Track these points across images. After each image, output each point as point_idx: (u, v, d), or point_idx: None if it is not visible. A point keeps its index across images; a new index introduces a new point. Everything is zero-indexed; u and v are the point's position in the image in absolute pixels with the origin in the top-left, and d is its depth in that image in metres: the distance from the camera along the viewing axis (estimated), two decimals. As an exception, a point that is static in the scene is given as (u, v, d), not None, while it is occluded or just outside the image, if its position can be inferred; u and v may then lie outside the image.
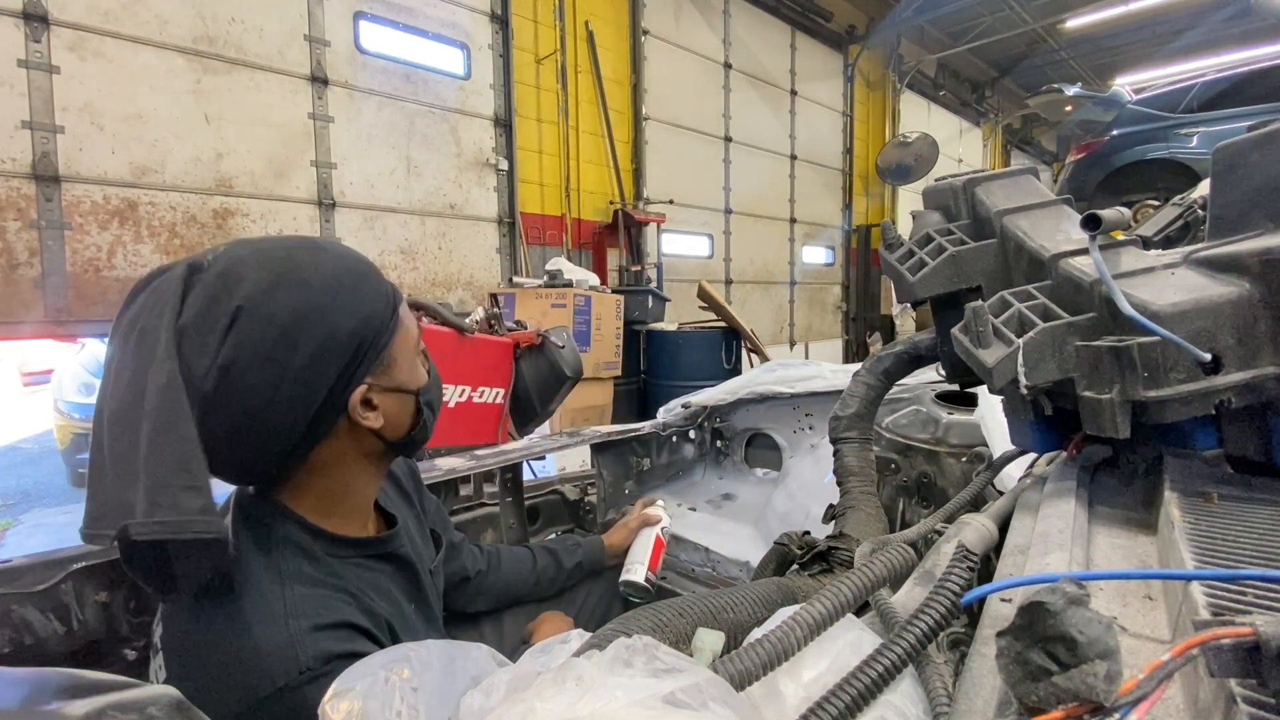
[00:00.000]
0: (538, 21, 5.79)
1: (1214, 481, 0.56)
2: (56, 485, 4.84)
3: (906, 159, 9.39)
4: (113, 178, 3.77)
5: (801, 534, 0.90)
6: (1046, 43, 11.24)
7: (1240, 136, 0.64)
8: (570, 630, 0.99)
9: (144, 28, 3.83)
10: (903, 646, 0.42)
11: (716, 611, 0.60)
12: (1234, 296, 0.53)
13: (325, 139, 4.57)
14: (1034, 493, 0.68)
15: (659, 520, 1.30)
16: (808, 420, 1.88)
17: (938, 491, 1.32)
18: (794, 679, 0.42)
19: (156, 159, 3.91)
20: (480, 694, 0.47)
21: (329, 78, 4.56)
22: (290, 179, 4.44)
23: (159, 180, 3.93)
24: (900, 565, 0.54)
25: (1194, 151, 4.44)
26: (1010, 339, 0.57)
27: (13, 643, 0.86)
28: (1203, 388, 0.52)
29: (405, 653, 0.58)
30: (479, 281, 5.47)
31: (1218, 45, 9.96)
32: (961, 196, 0.81)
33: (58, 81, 3.57)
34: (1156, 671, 0.27)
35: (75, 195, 3.67)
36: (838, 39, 9.43)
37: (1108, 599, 0.45)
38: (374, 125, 4.83)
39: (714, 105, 7.66)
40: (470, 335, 2.55)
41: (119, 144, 3.78)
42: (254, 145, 4.26)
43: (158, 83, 3.88)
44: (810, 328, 9.55)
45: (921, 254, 0.77)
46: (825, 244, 9.85)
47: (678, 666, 0.36)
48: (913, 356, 1.09)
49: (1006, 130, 14.43)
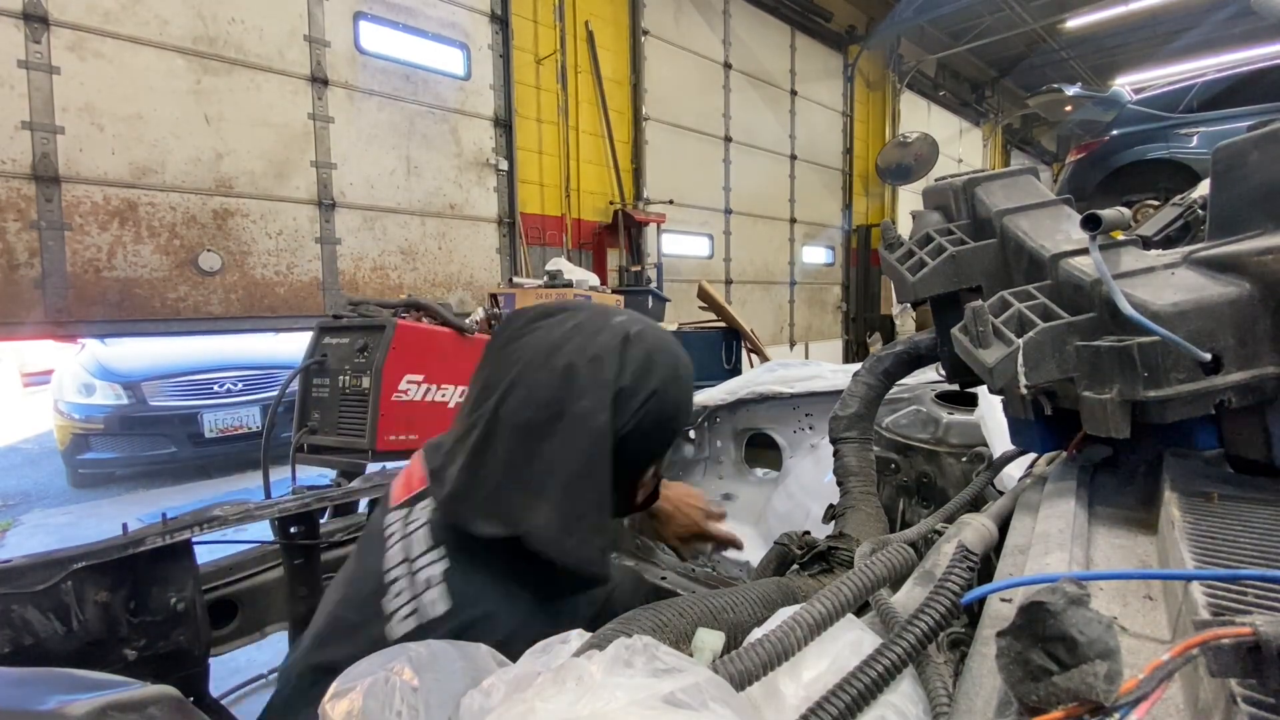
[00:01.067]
0: (538, 22, 5.79)
1: (1214, 481, 0.56)
2: (56, 486, 4.84)
3: (906, 159, 9.40)
4: (113, 178, 3.78)
5: (801, 534, 0.90)
6: (1046, 43, 11.24)
7: (1240, 136, 0.64)
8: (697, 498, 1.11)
9: (144, 28, 3.84)
10: (903, 646, 0.42)
11: (716, 611, 0.60)
12: (1234, 296, 0.53)
13: (325, 139, 4.57)
14: (1034, 493, 0.68)
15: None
16: (808, 420, 1.88)
17: (938, 491, 1.32)
18: (794, 679, 0.42)
19: (157, 159, 3.91)
20: (480, 694, 0.47)
21: (329, 78, 4.56)
22: (290, 179, 4.44)
23: (159, 181, 3.93)
24: (900, 565, 0.54)
25: (1194, 151, 4.43)
26: (1010, 339, 0.57)
27: (13, 643, 0.86)
28: (1203, 388, 0.52)
29: (405, 653, 0.58)
30: (479, 282, 5.47)
31: (1218, 45, 9.96)
32: (961, 196, 0.81)
33: (58, 82, 3.57)
34: (1156, 671, 0.27)
35: (75, 196, 3.67)
36: (838, 39, 9.43)
37: (1108, 599, 0.45)
38: (374, 126, 4.84)
39: (714, 105, 7.67)
40: (470, 335, 2.55)
41: (119, 144, 3.78)
42: (253, 145, 4.27)
43: (158, 83, 3.89)
44: (810, 328, 9.55)
45: (921, 254, 0.77)
46: (825, 244, 9.85)
47: (678, 666, 0.36)
48: (913, 356, 1.09)
49: (1006, 130, 14.44)
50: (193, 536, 1.04)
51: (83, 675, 0.40)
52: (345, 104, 4.66)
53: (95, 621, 0.93)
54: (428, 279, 5.18)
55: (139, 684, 0.40)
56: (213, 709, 1.13)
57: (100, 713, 0.35)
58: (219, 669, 1.17)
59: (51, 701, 0.36)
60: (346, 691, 0.53)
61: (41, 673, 0.41)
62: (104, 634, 0.94)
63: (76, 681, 0.39)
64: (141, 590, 0.99)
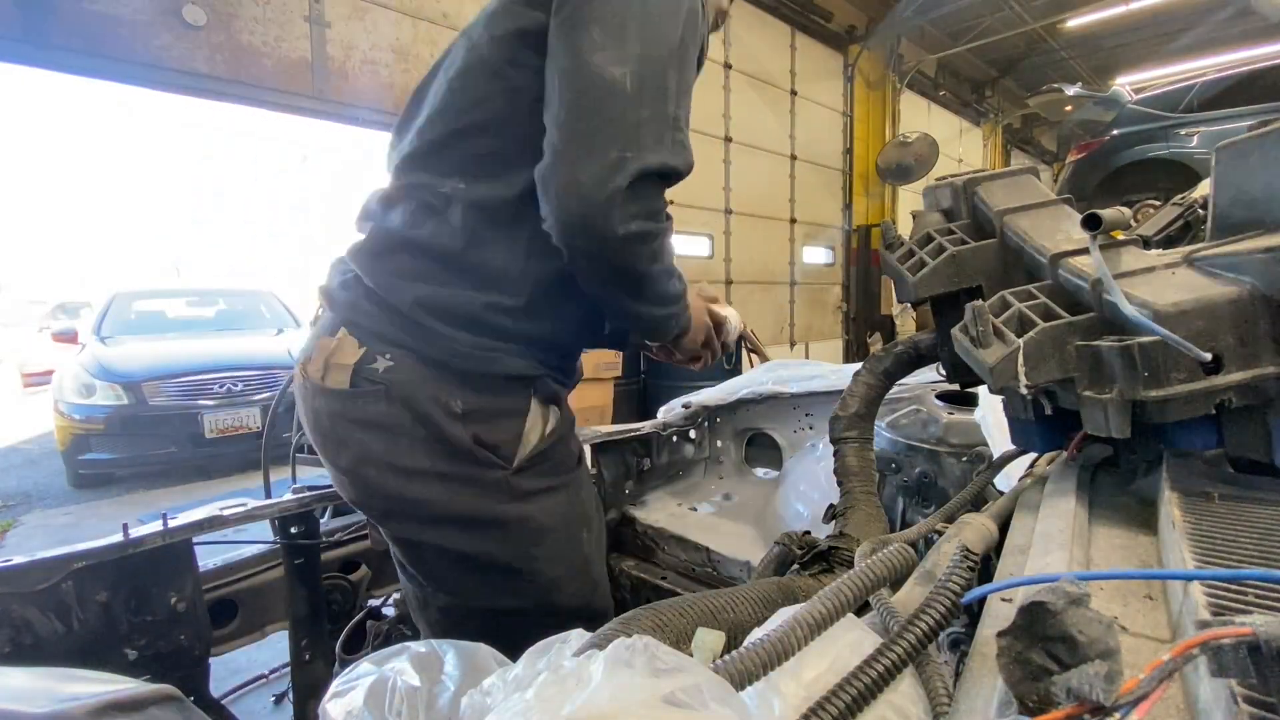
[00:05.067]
0: (538, 22, 5.77)
1: (1214, 481, 0.56)
2: (57, 486, 4.84)
3: (906, 159, 9.39)
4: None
5: (802, 534, 0.90)
6: (1046, 43, 11.24)
7: (1241, 136, 0.64)
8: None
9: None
10: (903, 646, 0.42)
11: (716, 611, 0.60)
12: (1234, 296, 0.53)
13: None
14: (1034, 492, 0.68)
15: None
16: (808, 420, 1.88)
17: (938, 491, 1.32)
18: (794, 679, 0.42)
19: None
20: (480, 694, 0.47)
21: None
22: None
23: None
24: (900, 565, 0.54)
25: (1194, 151, 4.43)
26: (1010, 339, 0.57)
27: (13, 642, 0.86)
28: (1203, 387, 0.52)
29: (405, 652, 0.58)
30: None
31: (1218, 45, 9.96)
32: (961, 196, 0.81)
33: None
34: (1157, 671, 0.27)
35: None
36: (838, 39, 9.43)
37: (1108, 599, 0.45)
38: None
39: (714, 105, 7.66)
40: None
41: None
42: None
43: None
44: (810, 328, 9.54)
45: (921, 254, 0.77)
46: (825, 244, 9.85)
47: (678, 666, 0.36)
48: (913, 356, 1.09)
49: (1006, 130, 14.44)
50: (193, 536, 1.04)
51: (83, 674, 0.40)
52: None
53: (95, 621, 0.93)
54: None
55: (139, 683, 0.40)
56: (213, 708, 1.13)
57: (100, 712, 0.35)
58: (219, 669, 1.17)
59: (51, 701, 0.36)
60: (347, 691, 0.53)
61: (41, 672, 0.41)
62: (104, 634, 0.94)
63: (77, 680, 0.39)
64: (141, 590, 0.99)
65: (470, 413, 0.87)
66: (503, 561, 0.91)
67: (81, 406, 4.47)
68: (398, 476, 0.87)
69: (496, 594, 0.94)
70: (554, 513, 0.94)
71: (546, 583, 0.93)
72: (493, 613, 0.94)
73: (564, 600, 0.95)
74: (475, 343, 0.87)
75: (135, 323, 5.59)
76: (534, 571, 0.92)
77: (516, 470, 0.90)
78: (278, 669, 2.15)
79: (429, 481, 0.87)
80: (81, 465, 4.55)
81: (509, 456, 0.90)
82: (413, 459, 0.86)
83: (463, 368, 0.87)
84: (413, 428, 0.86)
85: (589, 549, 1.00)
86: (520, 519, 0.90)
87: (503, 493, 0.89)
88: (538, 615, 0.93)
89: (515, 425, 0.90)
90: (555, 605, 0.94)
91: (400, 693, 0.53)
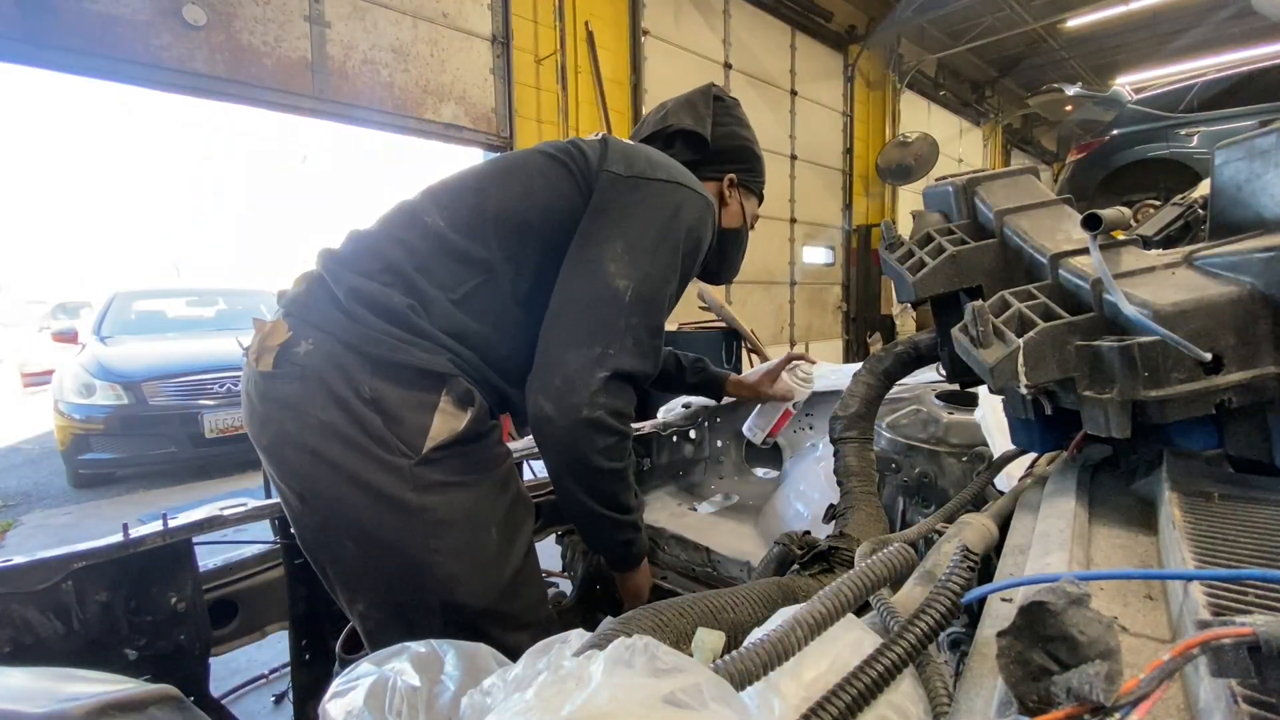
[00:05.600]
0: (537, 22, 5.79)
1: (1214, 481, 0.56)
2: (57, 486, 4.84)
3: (906, 159, 9.39)
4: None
5: (802, 534, 0.90)
6: (1046, 43, 11.23)
7: (1241, 135, 0.64)
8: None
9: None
10: (903, 646, 0.42)
11: (716, 611, 0.60)
12: (1234, 296, 0.53)
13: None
14: (1034, 492, 0.68)
15: (793, 398, 1.51)
16: (808, 420, 1.88)
17: (938, 491, 1.32)
18: (794, 679, 0.42)
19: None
20: (480, 694, 0.47)
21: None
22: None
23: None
24: (900, 565, 0.54)
25: (1194, 151, 4.43)
26: (1010, 339, 0.57)
27: (13, 643, 0.86)
28: (1203, 387, 0.52)
29: (405, 652, 0.58)
30: (472, 98, 5.33)
31: (1218, 45, 9.96)
32: (961, 196, 0.81)
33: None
34: (1157, 671, 0.27)
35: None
36: (838, 39, 9.43)
37: (1108, 599, 0.45)
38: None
39: (714, 105, 7.65)
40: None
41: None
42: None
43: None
44: (810, 328, 9.54)
45: (921, 254, 0.77)
46: (825, 244, 9.84)
47: (678, 666, 0.36)
48: (913, 356, 1.09)
49: (1006, 130, 14.43)
50: (193, 536, 1.04)
51: (82, 674, 0.40)
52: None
53: (95, 621, 0.93)
54: (419, 84, 5.06)
55: (139, 684, 0.40)
56: (213, 708, 1.13)
57: (100, 712, 0.35)
58: (219, 669, 1.17)
59: (51, 701, 0.36)
60: (347, 691, 0.53)
61: (41, 672, 0.41)
62: (104, 634, 0.94)
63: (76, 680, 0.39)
64: (141, 590, 0.99)
65: (379, 399, 0.90)
66: (401, 548, 0.92)
67: (81, 406, 4.47)
68: (308, 455, 0.90)
69: (400, 585, 0.94)
70: (457, 508, 0.94)
71: (445, 576, 0.93)
72: (401, 607, 0.94)
73: (465, 598, 0.94)
74: (390, 332, 0.93)
75: (135, 323, 5.59)
76: (431, 564, 0.92)
77: (422, 461, 0.91)
78: (278, 669, 2.15)
79: (342, 449, 0.90)
80: (81, 465, 4.54)
81: (416, 447, 0.91)
82: (323, 439, 0.89)
83: (375, 353, 0.91)
84: (325, 408, 0.89)
85: (497, 550, 0.98)
86: (421, 508, 0.91)
87: (405, 480, 0.91)
88: (444, 613, 0.93)
89: (422, 418, 0.93)
90: (457, 603, 0.94)
91: (400, 693, 0.53)
